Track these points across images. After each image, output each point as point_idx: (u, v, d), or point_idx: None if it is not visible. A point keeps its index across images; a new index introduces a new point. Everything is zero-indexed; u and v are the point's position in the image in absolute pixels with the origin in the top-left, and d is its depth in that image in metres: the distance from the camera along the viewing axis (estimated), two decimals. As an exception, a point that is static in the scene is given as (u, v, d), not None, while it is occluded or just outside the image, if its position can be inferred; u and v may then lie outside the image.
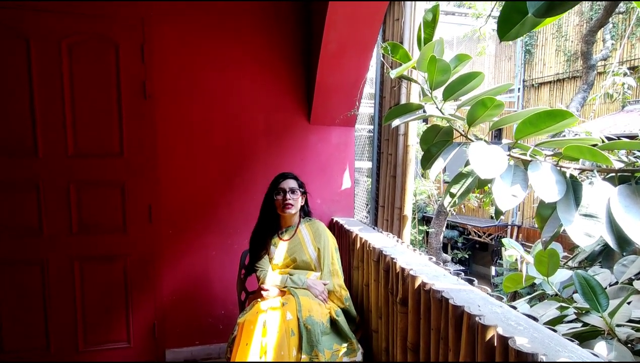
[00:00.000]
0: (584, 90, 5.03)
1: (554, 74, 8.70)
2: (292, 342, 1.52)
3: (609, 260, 1.83)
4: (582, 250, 2.01)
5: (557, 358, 0.78)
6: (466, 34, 8.11)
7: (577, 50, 7.55)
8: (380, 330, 1.63)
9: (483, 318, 0.93)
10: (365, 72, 2.20)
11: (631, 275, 1.60)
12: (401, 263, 1.40)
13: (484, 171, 1.06)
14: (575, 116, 1.15)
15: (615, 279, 1.66)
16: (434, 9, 1.54)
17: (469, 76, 1.40)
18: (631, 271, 1.61)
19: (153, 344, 2.32)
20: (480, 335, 0.92)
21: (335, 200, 2.52)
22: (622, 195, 0.87)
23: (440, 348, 1.12)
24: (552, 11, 0.68)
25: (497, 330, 0.88)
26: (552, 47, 8.83)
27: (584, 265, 2.00)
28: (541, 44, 9.13)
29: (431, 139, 1.47)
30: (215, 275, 2.38)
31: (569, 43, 8.38)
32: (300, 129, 2.42)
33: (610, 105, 7.29)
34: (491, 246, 9.53)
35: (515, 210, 9.10)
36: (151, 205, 2.25)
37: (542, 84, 9.08)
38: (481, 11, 7.34)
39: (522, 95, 9.53)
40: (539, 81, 9.09)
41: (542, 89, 9.16)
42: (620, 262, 1.72)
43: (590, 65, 5.00)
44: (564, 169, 1.21)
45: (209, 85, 2.28)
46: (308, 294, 1.70)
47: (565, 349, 0.83)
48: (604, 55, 5.52)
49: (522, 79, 9.51)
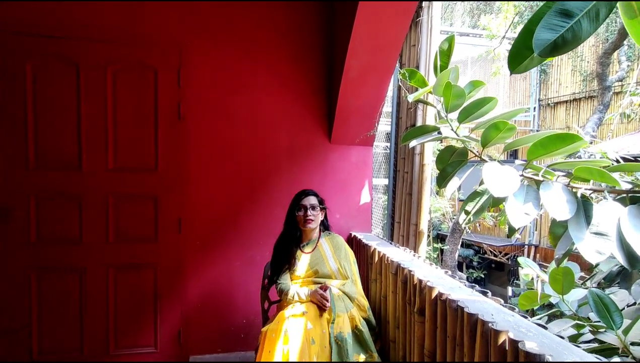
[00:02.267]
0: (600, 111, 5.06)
1: (570, 94, 8.71)
2: (312, 350, 1.61)
3: (627, 281, 1.87)
4: (600, 271, 2.05)
5: (564, 360, 0.87)
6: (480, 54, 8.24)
7: (593, 70, 7.59)
8: (398, 340, 1.71)
9: (495, 325, 1.02)
10: (384, 96, 2.35)
11: None
12: (419, 276, 1.50)
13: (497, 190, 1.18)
14: (584, 139, 1.26)
15: (633, 300, 1.70)
16: (450, 38, 1.69)
17: (483, 101, 1.53)
18: None
19: (178, 350, 2.44)
20: (493, 340, 1.01)
21: (354, 216, 2.63)
22: (632, 215, 0.97)
23: (455, 354, 1.20)
24: (556, 52, 0.80)
25: (508, 335, 0.97)
26: (567, 67, 8.87)
27: (602, 285, 2.03)
28: (557, 63, 9.18)
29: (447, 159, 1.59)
30: (238, 285, 2.50)
31: (584, 63, 8.42)
32: (321, 148, 2.57)
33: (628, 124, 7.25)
34: (507, 266, 9.38)
35: (532, 230, 8.99)
36: (181, 218, 2.41)
37: (558, 103, 9.09)
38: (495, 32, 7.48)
39: (537, 115, 9.54)
40: (555, 100, 9.10)
41: (558, 108, 9.16)
42: (638, 282, 1.77)
43: (606, 86, 5.04)
44: (575, 189, 1.31)
45: (238, 107, 2.46)
46: (343, 309, 1.79)
47: (572, 353, 0.92)
48: (619, 76, 5.56)
49: (538, 98, 9.54)
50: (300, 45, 2.52)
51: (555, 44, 0.78)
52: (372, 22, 1.95)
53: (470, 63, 10.38)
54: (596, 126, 5.06)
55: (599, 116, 5.06)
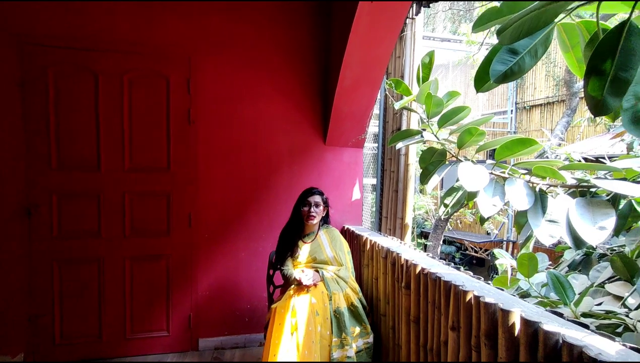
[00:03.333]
0: (567, 115, 5.52)
1: (544, 98, 9.25)
2: (317, 321, 1.90)
3: (587, 267, 2.22)
4: (565, 260, 2.40)
5: (512, 307, 1.18)
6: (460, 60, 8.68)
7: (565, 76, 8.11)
8: (388, 313, 2.01)
9: (465, 287, 1.33)
10: (373, 103, 2.65)
11: (604, 279, 1.98)
12: (405, 257, 1.80)
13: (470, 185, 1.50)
14: (539, 143, 1.61)
15: (591, 282, 2.03)
16: (430, 53, 2.02)
17: (459, 109, 1.87)
18: (604, 275, 1.99)
19: (188, 334, 2.68)
20: (462, 298, 1.32)
21: (347, 211, 2.92)
22: (578, 206, 1.27)
23: (435, 314, 1.51)
24: (506, 80, 1.09)
25: (473, 293, 1.28)
26: (542, 72, 9.41)
27: (567, 273, 2.38)
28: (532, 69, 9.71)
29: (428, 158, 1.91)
30: (243, 274, 2.76)
31: (557, 69, 8.96)
32: (317, 149, 2.85)
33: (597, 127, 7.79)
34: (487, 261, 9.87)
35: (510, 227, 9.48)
36: (191, 213, 2.65)
37: (534, 106, 9.63)
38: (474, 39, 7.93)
39: (514, 117, 10.06)
40: (531, 104, 9.64)
41: (533, 111, 9.69)
42: (595, 268, 2.11)
43: (573, 92, 5.50)
44: (534, 185, 1.65)
45: (242, 113, 2.72)
46: (338, 289, 2.08)
47: (519, 304, 1.23)
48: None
49: (515, 102, 10.06)
50: (298, 57, 2.80)
51: (505, 74, 1.07)
52: (364, 40, 2.24)
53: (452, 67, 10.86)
54: (565, 129, 5.51)
55: (567, 120, 5.51)
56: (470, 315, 1.29)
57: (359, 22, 2.13)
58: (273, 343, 1.83)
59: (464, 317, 1.31)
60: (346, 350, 1.91)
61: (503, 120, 10.11)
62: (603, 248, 2.13)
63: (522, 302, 1.26)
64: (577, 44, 1.12)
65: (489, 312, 1.18)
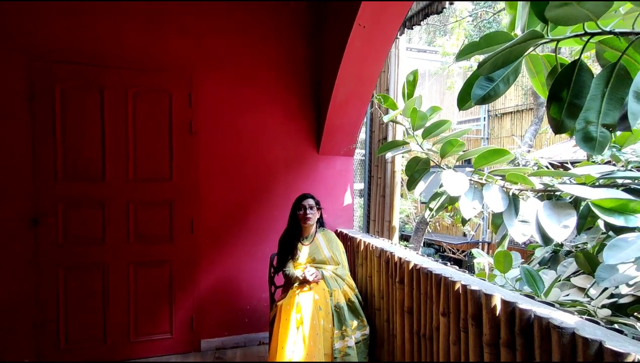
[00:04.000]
0: (535, 124, 5.96)
1: (514, 106, 9.83)
2: (320, 315, 2.08)
3: (555, 263, 2.51)
4: (536, 257, 2.69)
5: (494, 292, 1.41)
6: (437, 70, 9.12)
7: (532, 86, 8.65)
8: (382, 308, 2.22)
9: (453, 277, 1.56)
10: (363, 116, 2.88)
11: (569, 273, 2.26)
12: (399, 255, 2.02)
13: (453, 191, 1.74)
14: (511, 153, 1.88)
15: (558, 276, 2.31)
16: (414, 72, 2.29)
17: (441, 122, 2.13)
18: (569, 270, 2.27)
19: (191, 335, 2.80)
20: (451, 288, 1.55)
21: (339, 215, 3.13)
22: (546, 208, 1.52)
23: (427, 304, 1.73)
24: (484, 102, 1.33)
25: (461, 283, 1.51)
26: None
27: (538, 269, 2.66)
28: (502, 79, 10.27)
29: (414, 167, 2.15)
30: (243, 277, 2.92)
31: (525, 80, 9.56)
32: (311, 158, 3.05)
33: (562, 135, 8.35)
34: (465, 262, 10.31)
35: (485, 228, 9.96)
36: (193, 219, 2.79)
37: (505, 114, 10.20)
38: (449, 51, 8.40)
39: (487, 124, 10.62)
40: (502, 112, 10.21)
41: (504, 119, 10.26)
42: (562, 264, 2.39)
43: (540, 102, 5.95)
44: (507, 189, 1.91)
45: (241, 125, 2.89)
46: (337, 286, 2.28)
47: (499, 291, 1.47)
48: (551, 93, 6.52)
49: (487, 110, 10.62)
50: (291, 74, 3.00)
51: (484, 97, 1.31)
52: (356, 59, 2.48)
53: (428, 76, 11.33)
54: (533, 136, 5.95)
55: (534, 128, 5.96)
56: (458, 302, 1.52)
57: (352, 44, 2.36)
58: (280, 337, 2.01)
59: (453, 304, 1.54)
60: (346, 341, 2.11)
61: (476, 126, 10.63)
62: (569, 246, 2.41)
63: (501, 289, 1.51)
64: (541, 71, 1.38)
65: (474, 298, 1.41)
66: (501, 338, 1.27)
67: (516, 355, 1.21)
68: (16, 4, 2.40)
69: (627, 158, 2.08)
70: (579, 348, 0.99)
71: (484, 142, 10.50)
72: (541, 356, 1.12)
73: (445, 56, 8.44)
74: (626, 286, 1.65)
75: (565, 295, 2.01)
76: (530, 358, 1.17)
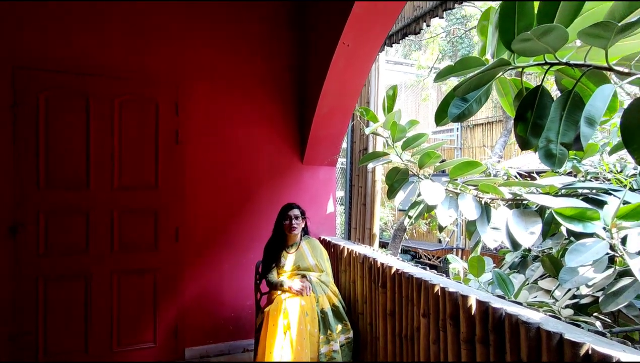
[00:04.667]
0: (504, 135, 6.31)
1: (485, 118, 10.31)
2: (307, 320, 2.17)
3: (524, 267, 2.69)
4: (506, 262, 2.87)
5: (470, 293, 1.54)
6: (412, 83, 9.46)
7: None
8: (365, 312, 2.32)
9: (432, 281, 1.69)
10: (346, 128, 3.01)
11: (537, 277, 2.43)
12: (381, 261, 2.14)
13: (430, 200, 1.87)
14: (483, 164, 2.04)
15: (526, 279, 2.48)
16: (394, 87, 2.44)
17: (419, 135, 2.28)
18: (537, 274, 2.44)
19: (174, 343, 2.80)
20: (431, 290, 1.67)
21: (322, 223, 3.23)
22: (515, 215, 1.68)
23: (408, 306, 1.85)
24: (459, 120, 1.47)
25: (439, 285, 1.63)
26: (482, 95, 10.45)
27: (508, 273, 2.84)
28: (474, 92, 10.76)
29: (393, 177, 2.29)
30: (227, 285, 2.95)
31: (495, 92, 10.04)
32: (295, 168, 3.15)
33: (529, 145, 8.81)
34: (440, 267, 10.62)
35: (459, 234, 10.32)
36: (178, 228, 2.81)
37: (476, 125, 10.67)
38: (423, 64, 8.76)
39: (460, 134, 11.06)
40: (474, 123, 10.67)
41: (476, 130, 10.73)
42: (530, 268, 2.57)
43: (508, 116, 6.30)
44: (480, 198, 2.07)
45: (227, 134, 2.95)
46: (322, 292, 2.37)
47: (475, 293, 1.60)
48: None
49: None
50: (278, 86, 3.10)
51: (459, 116, 1.45)
52: (340, 76, 2.61)
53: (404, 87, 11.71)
54: (502, 147, 6.29)
55: (504, 139, 6.31)
56: (437, 303, 1.64)
57: (336, 62, 2.49)
58: (268, 342, 2.07)
59: (432, 305, 1.67)
60: (331, 345, 2.20)
61: (450, 137, 11.05)
62: (536, 251, 2.60)
63: (475, 290, 1.64)
64: (509, 93, 1.54)
65: (452, 299, 1.54)
66: (476, 335, 1.40)
67: (489, 350, 1.34)
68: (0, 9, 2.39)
69: (586, 169, 2.29)
70: (543, 341, 1.13)
71: (457, 152, 10.91)
72: (511, 350, 1.25)
73: (421, 69, 8.80)
74: (586, 287, 1.82)
75: (534, 297, 2.17)
76: (501, 352, 1.30)
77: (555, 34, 1.00)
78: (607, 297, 1.51)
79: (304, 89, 3.13)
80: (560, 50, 1.11)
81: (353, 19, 2.25)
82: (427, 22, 2.68)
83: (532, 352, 1.17)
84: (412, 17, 2.73)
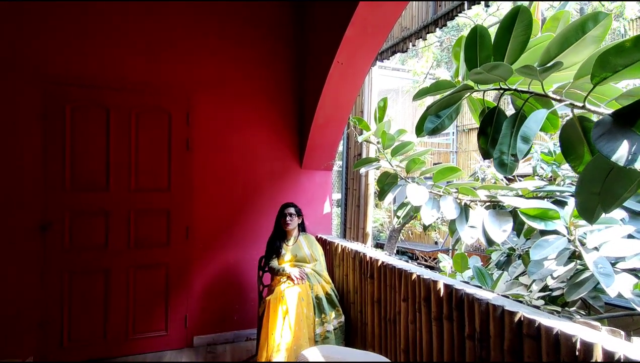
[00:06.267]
0: (495, 140, 6.60)
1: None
2: (303, 305, 2.45)
3: (508, 265, 2.97)
4: (492, 260, 3.15)
5: (439, 279, 1.82)
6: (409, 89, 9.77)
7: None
8: (356, 301, 2.61)
9: (410, 270, 1.97)
10: (341, 135, 3.30)
11: (518, 273, 2.71)
12: (370, 255, 2.43)
13: (415, 201, 2.16)
14: (462, 170, 2.34)
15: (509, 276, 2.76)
16: (384, 99, 2.73)
17: (406, 143, 2.57)
18: (518, 270, 2.72)
19: (184, 332, 3.09)
20: (409, 278, 1.96)
21: (319, 223, 3.52)
22: (490, 216, 1.96)
23: (391, 294, 2.14)
24: (434, 133, 1.77)
25: (416, 274, 1.92)
26: (477, 100, 10.76)
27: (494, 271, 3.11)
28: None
29: (384, 180, 2.58)
30: (232, 278, 3.24)
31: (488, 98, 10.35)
32: (294, 172, 3.44)
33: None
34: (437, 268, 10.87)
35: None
36: (188, 226, 3.10)
37: (471, 129, 10.97)
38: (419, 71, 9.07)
39: (456, 138, 11.37)
40: (469, 127, 10.98)
41: (471, 133, 11.03)
42: (513, 265, 2.85)
43: (499, 121, 6.60)
44: (460, 200, 2.35)
45: (232, 141, 3.25)
46: (316, 281, 2.66)
47: (444, 278, 1.88)
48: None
49: (456, 125, 11.39)
50: (279, 97, 3.40)
51: (433, 130, 1.73)
52: (335, 89, 2.90)
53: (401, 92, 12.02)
54: (493, 152, 6.56)
55: (494, 144, 6.59)
56: (414, 289, 1.93)
57: (331, 77, 2.78)
58: (270, 325, 2.36)
59: (410, 291, 1.95)
60: (325, 326, 2.48)
61: (446, 141, 11.36)
62: (520, 250, 2.88)
63: (447, 277, 1.93)
64: (477, 109, 1.83)
65: (425, 284, 1.83)
66: (443, 313, 1.69)
67: (453, 324, 1.63)
68: (32, 31, 2.69)
69: (565, 174, 2.57)
70: (491, 313, 1.42)
71: (453, 155, 11.19)
72: (468, 322, 1.53)
73: (416, 75, 9.12)
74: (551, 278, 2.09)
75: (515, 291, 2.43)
76: (462, 325, 1.59)
77: (502, 69, 1.29)
78: (570, 287, 1.76)
79: (302, 100, 3.43)
80: (512, 77, 1.39)
81: (346, 40, 2.55)
82: (412, 43, 2.97)
83: (483, 323, 1.46)
84: (400, 37, 3.02)
